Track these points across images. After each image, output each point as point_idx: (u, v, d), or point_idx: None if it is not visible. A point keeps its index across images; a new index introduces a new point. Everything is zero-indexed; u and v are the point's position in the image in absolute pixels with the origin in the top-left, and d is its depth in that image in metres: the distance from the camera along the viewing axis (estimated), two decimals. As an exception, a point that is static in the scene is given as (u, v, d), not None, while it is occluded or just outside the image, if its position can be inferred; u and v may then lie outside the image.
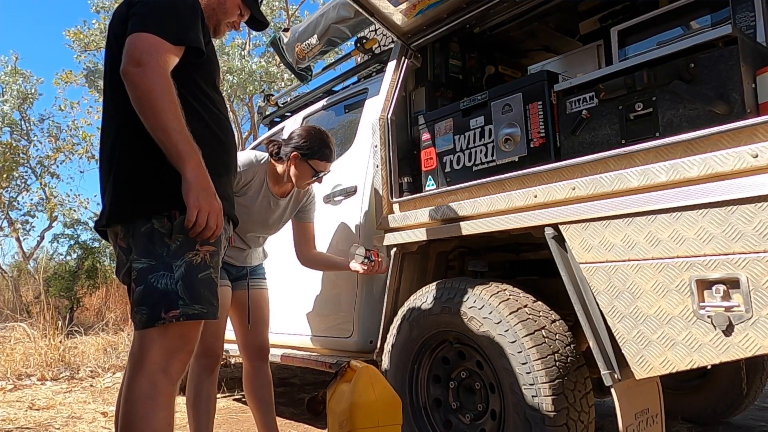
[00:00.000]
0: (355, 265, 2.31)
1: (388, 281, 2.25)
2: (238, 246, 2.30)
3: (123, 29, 1.42)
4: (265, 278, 2.45)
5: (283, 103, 3.78)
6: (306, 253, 2.47)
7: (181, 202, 1.36)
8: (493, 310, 1.78)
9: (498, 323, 1.75)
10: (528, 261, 2.26)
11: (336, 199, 2.67)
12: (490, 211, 1.85)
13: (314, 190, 2.51)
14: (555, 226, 1.66)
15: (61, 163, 11.67)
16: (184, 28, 1.45)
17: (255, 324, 2.32)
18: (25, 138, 11.31)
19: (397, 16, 2.28)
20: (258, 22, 1.81)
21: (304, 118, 3.24)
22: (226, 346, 2.73)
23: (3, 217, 11.40)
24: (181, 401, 2.42)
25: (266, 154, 2.29)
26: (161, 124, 1.33)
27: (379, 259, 2.28)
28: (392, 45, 2.65)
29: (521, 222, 1.75)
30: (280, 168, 2.30)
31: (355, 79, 3.13)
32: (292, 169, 2.25)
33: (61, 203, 11.41)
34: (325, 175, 2.31)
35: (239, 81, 9.21)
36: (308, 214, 2.49)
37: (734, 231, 1.28)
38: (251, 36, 10.55)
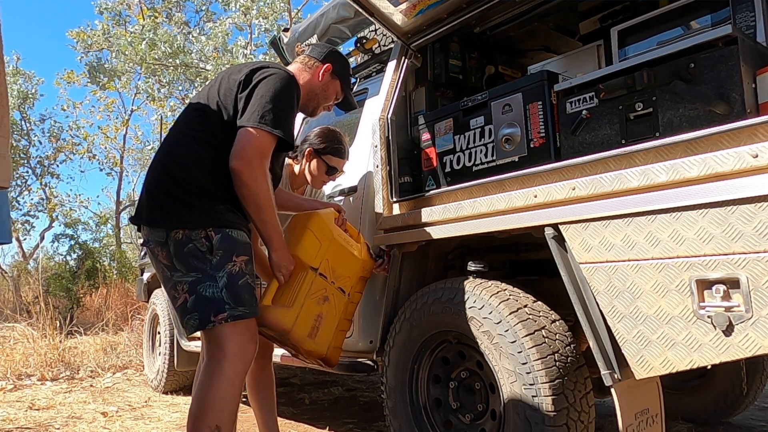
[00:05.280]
0: None
1: (388, 281, 2.25)
2: None
3: (247, 83, 1.68)
4: None
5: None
6: None
7: (217, 223, 1.62)
8: (493, 310, 1.77)
9: (498, 323, 1.75)
10: (528, 261, 2.26)
11: (336, 199, 2.67)
12: (490, 211, 1.85)
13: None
14: (555, 226, 1.66)
15: (61, 163, 11.69)
16: (288, 124, 1.71)
17: None
18: (26, 138, 11.32)
19: (397, 16, 2.28)
20: (347, 104, 2.08)
21: (303, 119, 3.24)
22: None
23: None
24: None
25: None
26: (261, 218, 1.69)
27: (388, 262, 2.29)
28: (392, 45, 2.65)
29: (521, 222, 1.75)
30: (297, 168, 2.47)
31: (355, 79, 3.13)
32: (308, 166, 2.41)
33: (62, 203, 11.42)
34: (339, 174, 2.44)
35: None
36: None
37: (734, 231, 1.28)
38: (252, 37, 10.56)
